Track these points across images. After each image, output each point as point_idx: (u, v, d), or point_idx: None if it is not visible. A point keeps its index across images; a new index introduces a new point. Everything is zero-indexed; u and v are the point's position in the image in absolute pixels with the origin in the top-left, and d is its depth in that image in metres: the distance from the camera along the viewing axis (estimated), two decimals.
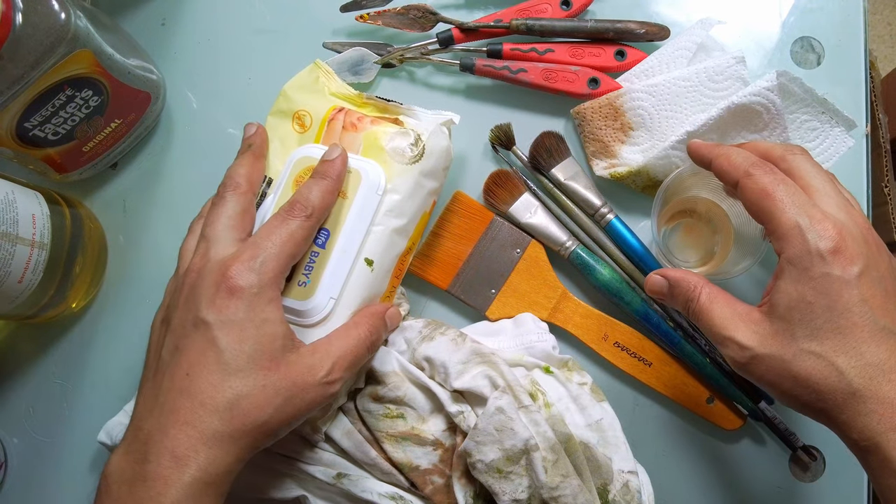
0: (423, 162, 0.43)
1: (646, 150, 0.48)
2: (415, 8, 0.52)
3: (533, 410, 0.41)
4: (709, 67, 0.46)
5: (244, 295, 0.34)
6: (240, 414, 0.32)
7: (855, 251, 0.32)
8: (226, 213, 0.38)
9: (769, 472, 0.46)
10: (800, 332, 0.32)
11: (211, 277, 0.34)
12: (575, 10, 0.51)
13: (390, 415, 0.42)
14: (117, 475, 0.32)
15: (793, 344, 0.32)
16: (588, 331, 0.47)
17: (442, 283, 0.48)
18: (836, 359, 0.31)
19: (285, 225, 0.37)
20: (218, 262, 0.35)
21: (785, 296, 0.32)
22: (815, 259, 0.32)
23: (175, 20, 0.55)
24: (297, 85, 0.47)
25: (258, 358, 0.33)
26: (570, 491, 0.40)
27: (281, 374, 0.34)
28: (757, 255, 0.42)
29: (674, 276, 0.38)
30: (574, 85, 0.49)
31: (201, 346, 0.33)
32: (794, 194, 0.34)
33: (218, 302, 0.33)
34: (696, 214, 0.48)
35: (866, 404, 0.30)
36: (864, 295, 0.31)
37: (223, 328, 0.33)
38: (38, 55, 0.40)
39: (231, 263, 0.34)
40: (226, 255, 0.35)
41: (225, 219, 0.38)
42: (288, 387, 0.33)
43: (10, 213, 0.42)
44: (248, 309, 0.34)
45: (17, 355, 0.51)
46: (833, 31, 0.51)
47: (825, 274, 0.31)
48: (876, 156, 0.71)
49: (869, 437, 0.30)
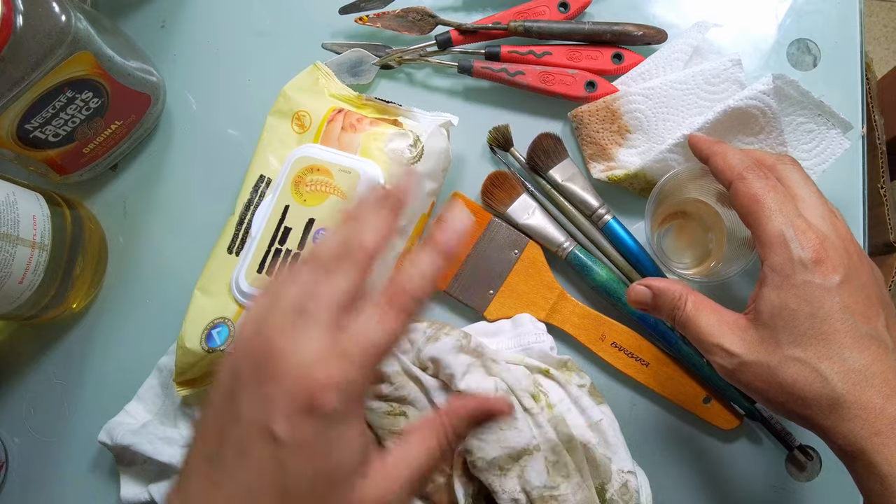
0: (422, 163, 0.44)
1: (643, 153, 0.48)
2: (414, 10, 0.52)
3: (536, 412, 0.42)
4: (705, 70, 0.47)
5: (323, 416, 0.29)
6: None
7: (836, 261, 0.32)
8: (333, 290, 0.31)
9: (766, 472, 0.47)
10: (784, 339, 0.32)
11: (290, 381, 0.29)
12: (572, 13, 0.51)
13: (393, 412, 0.43)
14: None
15: (778, 350, 0.32)
16: (585, 331, 0.48)
17: (440, 284, 0.48)
18: (819, 364, 0.31)
19: (383, 327, 0.30)
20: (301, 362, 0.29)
21: (769, 303, 0.33)
22: (798, 267, 0.32)
23: (175, 22, 0.56)
24: (296, 86, 0.47)
25: (323, 488, 0.29)
26: (570, 490, 0.40)
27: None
28: (750, 256, 0.42)
29: (657, 285, 0.37)
30: (571, 88, 0.49)
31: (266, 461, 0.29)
32: (782, 202, 0.34)
33: (292, 417, 0.29)
34: (689, 216, 0.48)
35: (850, 410, 0.30)
36: (845, 302, 0.32)
37: (292, 450, 0.29)
38: (39, 57, 0.40)
39: (316, 373, 0.29)
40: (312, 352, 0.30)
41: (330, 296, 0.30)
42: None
43: (11, 215, 0.43)
44: (324, 430, 0.29)
45: (18, 355, 0.51)
46: (829, 34, 0.52)
47: (807, 282, 0.32)
48: (872, 157, 0.71)
49: (853, 441, 0.30)
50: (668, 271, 0.47)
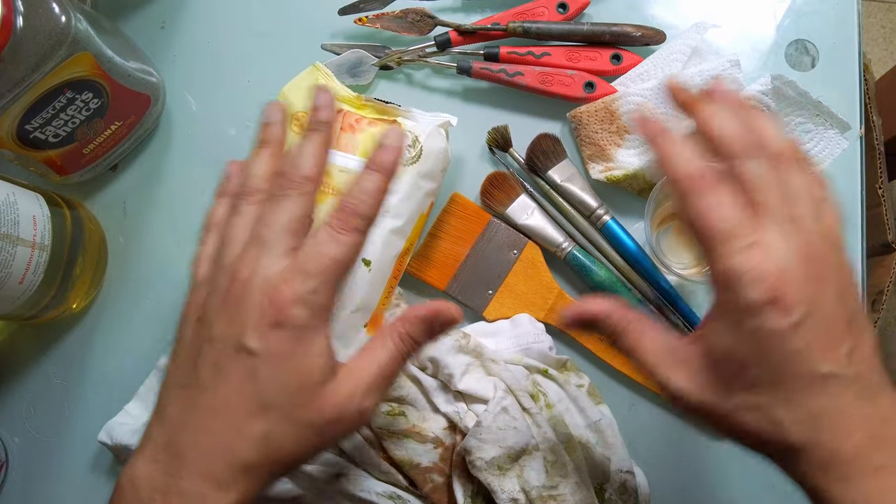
0: (421, 163, 0.44)
1: (641, 154, 0.48)
2: (413, 11, 0.52)
3: (535, 412, 0.42)
4: (704, 71, 0.47)
5: (291, 327, 0.32)
6: (272, 448, 0.31)
7: (795, 299, 0.28)
8: (286, 216, 0.33)
9: (764, 472, 0.47)
10: (736, 386, 0.30)
11: (258, 299, 0.32)
12: (571, 14, 0.51)
13: (392, 413, 0.43)
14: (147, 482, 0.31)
15: (730, 398, 0.30)
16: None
17: (439, 284, 0.48)
18: (773, 412, 0.29)
19: (335, 243, 0.33)
20: (266, 281, 0.32)
21: (719, 345, 0.30)
22: (747, 313, 0.29)
23: (175, 23, 0.56)
24: (296, 86, 0.47)
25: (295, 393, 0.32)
26: (569, 490, 0.40)
27: (315, 409, 0.32)
28: None
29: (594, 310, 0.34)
30: (570, 88, 0.49)
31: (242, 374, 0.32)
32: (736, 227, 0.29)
33: (264, 331, 0.31)
34: None
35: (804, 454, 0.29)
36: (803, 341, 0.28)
37: (265, 360, 0.31)
38: (39, 58, 0.40)
39: (281, 289, 0.32)
40: (275, 272, 0.32)
41: (285, 221, 0.33)
42: (322, 423, 0.32)
43: (11, 215, 0.43)
44: (293, 341, 0.32)
45: (18, 355, 0.51)
46: (827, 34, 0.52)
47: (758, 328, 0.29)
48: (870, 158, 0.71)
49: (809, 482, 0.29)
50: (667, 271, 0.47)
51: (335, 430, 0.33)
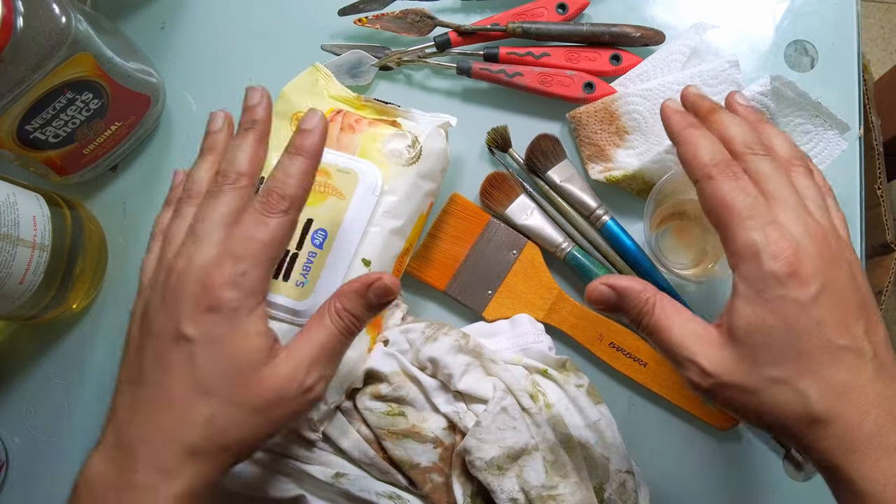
0: (420, 164, 0.44)
1: (641, 154, 0.48)
2: (412, 12, 0.52)
3: (534, 412, 0.42)
4: (703, 71, 0.47)
5: (225, 310, 0.32)
6: (217, 432, 0.32)
7: (810, 272, 0.30)
8: (219, 211, 0.34)
9: (764, 471, 0.47)
10: (762, 357, 0.31)
11: (192, 287, 0.33)
12: (571, 14, 0.51)
13: (392, 413, 0.43)
14: (100, 480, 0.32)
15: (756, 370, 0.31)
16: (584, 331, 0.48)
17: (439, 285, 0.48)
18: (798, 383, 0.30)
19: (263, 225, 0.34)
20: (199, 269, 0.33)
21: (744, 318, 0.31)
22: (771, 281, 0.30)
23: (174, 23, 0.56)
24: (296, 87, 0.47)
25: (233, 375, 0.32)
26: (568, 490, 0.40)
27: (254, 391, 0.33)
28: None
29: (622, 284, 0.34)
30: (569, 89, 0.49)
31: (181, 362, 0.32)
32: (753, 207, 0.32)
33: (198, 316, 0.32)
34: (687, 217, 0.48)
35: (827, 428, 0.30)
36: (821, 316, 0.30)
37: (202, 346, 0.32)
38: (39, 58, 0.40)
39: (212, 274, 0.33)
40: (207, 260, 0.33)
41: (219, 215, 0.34)
42: (263, 405, 0.33)
43: (11, 215, 0.43)
44: (227, 323, 0.33)
45: (18, 355, 0.51)
46: (827, 35, 0.52)
47: (781, 296, 0.30)
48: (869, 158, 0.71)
49: (829, 458, 0.30)
50: (666, 271, 0.47)
51: (280, 411, 0.33)
